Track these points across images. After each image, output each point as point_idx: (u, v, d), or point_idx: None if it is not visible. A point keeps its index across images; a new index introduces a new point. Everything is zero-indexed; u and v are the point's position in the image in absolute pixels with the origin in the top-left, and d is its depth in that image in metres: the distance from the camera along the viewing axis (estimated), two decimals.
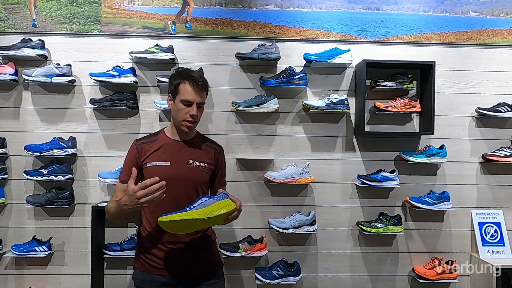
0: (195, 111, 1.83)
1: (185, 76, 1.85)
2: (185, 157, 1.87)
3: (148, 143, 1.90)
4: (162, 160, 1.84)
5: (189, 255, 1.85)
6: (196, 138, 1.98)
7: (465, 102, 2.91)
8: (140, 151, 1.88)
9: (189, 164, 1.86)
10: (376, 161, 2.86)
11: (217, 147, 2.02)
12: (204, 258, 1.90)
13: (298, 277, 2.69)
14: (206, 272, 1.90)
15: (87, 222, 2.70)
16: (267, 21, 2.88)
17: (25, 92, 2.77)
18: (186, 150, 1.90)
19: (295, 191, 2.84)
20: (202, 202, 1.65)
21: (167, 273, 1.84)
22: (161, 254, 1.84)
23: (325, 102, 2.72)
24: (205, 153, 1.94)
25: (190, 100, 1.83)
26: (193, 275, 1.87)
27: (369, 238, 2.85)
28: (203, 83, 1.87)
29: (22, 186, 2.75)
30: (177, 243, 1.84)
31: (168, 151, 1.86)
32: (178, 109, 1.84)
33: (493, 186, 2.91)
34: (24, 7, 2.79)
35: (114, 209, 1.73)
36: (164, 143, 1.90)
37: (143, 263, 1.88)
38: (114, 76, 2.66)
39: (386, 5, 2.94)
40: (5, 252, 2.69)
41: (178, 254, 1.84)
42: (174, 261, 1.84)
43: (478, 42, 2.94)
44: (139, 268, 1.90)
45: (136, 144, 1.92)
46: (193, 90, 1.83)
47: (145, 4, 2.86)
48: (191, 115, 1.83)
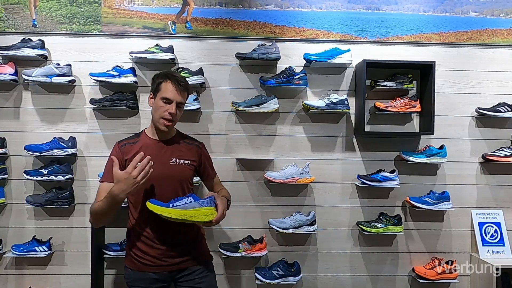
0: (174, 109, 1.86)
1: (167, 75, 1.90)
2: (168, 156, 1.92)
3: (131, 144, 1.94)
4: None
5: (179, 250, 1.89)
6: (176, 136, 2.02)
7: (465, 102, 2.91)
8: (123, 152, 1.92)
9: (172, 162, 1.91)
10: (376, 161, 2.86)
11: (198, 144, 2.08)
12: (193, 253, 1.94)
13: (298, 277, 2.69)
14: (196, 267, 1.94)
15: (87, 222, 2.67)
16: (267, 21, 2.88)
17: (25, 92, 2.77)
18: (168, 149, 1.94)
19: (295, 191, 2.84)
20: (186, 203, 1.73)
21: (158, 270, 1.88)
22: (151, 251, 1.87)
23: (325, 102, 2.72)
24: (186, 150, 1.98)
25: (170, 98, 1.86)
26: (184, 269, 1.91)
27: (369, 238, 2.85)
28: (184, 84, 1.92)
29: (22, 186, 2.75)
30: (166, 240, 1.87)
31: (149, 151, 1.85)
32: (158, 106, 1.88)
33: (493, 186, 2.91)
34: (24, 7, 2.79)
35: (104, 206, 1.72)
36: (146, 143, 1.94)
37: (134, 261, 1.90)
38: (114, 76, 2.66)
39: (386, 5, 2.94)
40: (5, 252, 2.69)
41: (167, 250, 1.87)
42: (164, 257, 1.87)
43: (478, 42, 2.94)
44: (130, 267, 1.92)
45: (119, 145, 1.95)
46: (174, 89, 1.87)
47: (145, 4, 2.86)
48: (169, 113, 1.86)
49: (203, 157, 2.06)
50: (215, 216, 1.74)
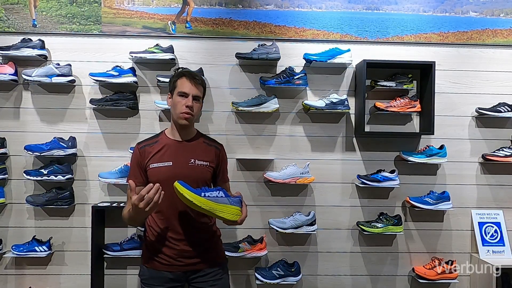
0: (191, 102, 1.87)
1: (181, 73, 1.93)
2: (186, 157, 1.90)
3: (150, 145, 1.94)
4: (164, 161, 1.88)
5: (195, 251, 1.88)
6: (196, 137, 2.01)
7: (465, 102, 2.91)
8: (142, 154, 1.92)
9: (191, 163, 1.90)
10: (376, 161, 2.86)
11: (218, 145, 2.05)
12: (209, 255, 1.93)
13: (298, 277, 2.69)
14: (211, 268, 1.93)
15: (87, 222, 2.70)
16: (267, 21, 2.88)
17: (25, 92, 2.77)
18: (187, 150, 1.93)
19: (295, 191, 2.84)
20: (217, 196, 1.71)
21: (172, 269, 1.87)
22: (167, 250, 1.87)
23: (325, 102, 2.72)
24: (205, 152, 1.97)
25: (186, 92, 1.88)
26: (198, 270, 1.90)
27: (369, 238, 2.85)
28: (200, 79, 1.94)
29: (22, 186, 2.75)
30: (182, 240, 1.87)
31: (169, 152, 1.90)
32: (175, 102, 1.89)
33: (493, 186, 2.91)
34: (24, 7, 2.79)
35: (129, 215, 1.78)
36: (165, 144, 1.93)
37: (150, 260, 1.90)
38: (114, 76, 2.66)
39: (386, 5, 2.94)
40: (5, 252, 2.69)
41: (183, 251, 1.87)
42: (179, 257, 1.87)
43: (478, 42, 2.94)
44: (146, 265, 1.92)
45: (139, 147, 1.96)
46: (189, 83, 1.89)
47: (145, 4, 2.86)
48: (187, 106, 1.86)
49: (221, 160, 2.04)
50: (241, 216, 1.76)
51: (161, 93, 2.81)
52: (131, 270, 2.77)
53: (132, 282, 2.78)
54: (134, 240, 2.67)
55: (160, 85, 2.78)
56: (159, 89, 2.81)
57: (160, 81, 2.70)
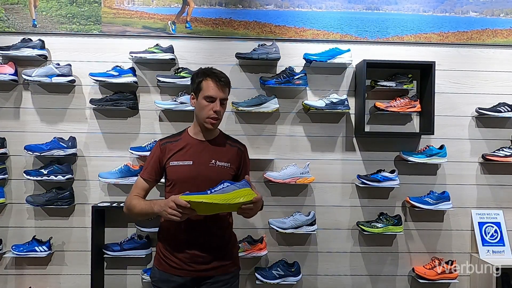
0: (219, 106, 1.83)
1: (207, 73, 1.87)
2: (208, 157, 1.87)
3: (172, 142, 1.91)
4: (184, 159, 1.85)
5: (208, 257, 1.84)
6: (219, 137, 1.96)
7: (465, 102, 2.91)
8: (163, 151, 1.89)
9: (211, 164, 1.86)
10: (376, 161, 2.86)
11: (240, 146, 2.00)
12: (222, 262, 1.88)
13: (298, 277, 2.69)
14: (223, 276, 1.88)
15: (87, 222, 2.70)
16: (267, 21, 2.88)
17: (25, 92, 2.77)
18: (209, 150, 1.89)
19: (295, 191, 2.84)
20: (224, 187, 1.66)
21: (183, 274, 1.83)
22: (180, 254, 1.84)
23: (325, 102, 2.72)
24: (227, 153, 1.92)
25: (213, 96, 1.83)
26: (210, 277, 1.86)
27: (369, 238, 2.85)
28: (225, 80, 1.88)
29: (22, 186, 2.75)
30: (196, 244, 1.83)
31: (191, 151, 1.86)
32: (202, 106, 1.84)
33: (493, 186, 2.91)
34: (24, 7, 2.79)
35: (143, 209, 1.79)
36: (188, 143, 1.90)
37: (162, 262, 1.87)
38: (114, 76, 2.66)
39: (386, 5, 2.94)
40: (5, 252, 2.69)
41: (196, 256, 1.83)
42: (191, 262, 1.83)
43: (478, 42, 2.94)
44: (157, 267, 1.89)
45: (160, 143, 1.93)
46: (216, 86, 1.83)
47: (145, 4, 2.86)
48: (214, 111, 1.82)
49: (243, 161, 1.98)
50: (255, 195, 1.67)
51: (161, 93, 2.81)
52: (131, 270, 2.77)
53: (132, 282, 2.78)
54: (134, 240, 2.67)
55: (160, 85, 2.78)
56: (159, 89, 2.81)
57: (160, 81, 2.69)
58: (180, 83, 2.69)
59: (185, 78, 2.68)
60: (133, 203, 1.83)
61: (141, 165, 2.71)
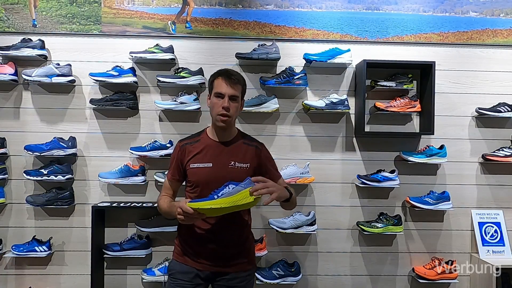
0: (227, 102, 1.82)
1: (219, 72, 1.89)
2: (227, 159, 1.87)
3: (191, 143, 1.92)
4: (204, 162, 1.86)
5: (226, 253, 1.87)
6: (237, 138, 1.96)
7: (465, 102, 2.91)
8: (183, 152, 1.90)
9: (231, 165, 1.86)
10: (376, 161, 2.86)
11: (258, 144, 2.00)
12: (239, 259, 1.91)
13: (298, 277, 2.69)
14: (239, 273, 1.90)
15: (87, 222, 2.70)
16: (267, 21, 2.88)
17: (25, 92, 2.77)
18: (228, 152, 1.89)
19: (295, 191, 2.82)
20: (229, 190, 1.67)
21: (204, 268, 1.86)
22: (198, 248, 1.86)
23: (325, 102, 2.72)
24: (246, 153, 1.92)
25: (222, 92, 1.83)
26: (227, 273, 1.88)
27: (369, 238, 2.85)
28: (236, 77, 1.87)
29: (22, 186, 2.75)
30: (215, 240, 1.85)
31: (210, 153, 1.87)
32: (213, 104, 1.86)
33: (493, 186, 2.91)
34: (24, 7, 2.79)
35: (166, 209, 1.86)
36: (206, 144, 1.90)
37: (182, 254, 1.90)
38: (114, 76, 2.66)
39: (386, 5, 2.94)
40: (5, 252, 2.69)
41: (215, 250, 1.85)
42: (210, 257, 1.86)
43: (478, 42, 2.94)
44: (177, 259, 1.92)
45: (180, 145, 1.94)
46: (225, 83, 1.84)
47: (145, 4, 2.86)
48: (223, 107, 1.82)
49: (263, 158, 1.96)
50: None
51: (161, 93, 2.81)
52: (131, 270, 2.77)
53: (132, 282, 2.78)
54: (134, 240, 2.67)
55: (160, 85, 2.78)
56: (159, 89, 2.81)
57: (160, 81, 2.69)
58: (180, 83, 2.69)
59: (185, 78, 2.68)
60: (159, 203, 1.91)
61: (141, 165, 2.72)
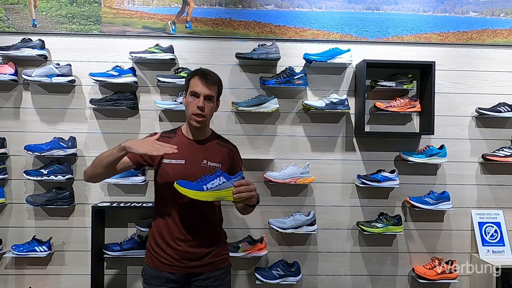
0: (202, 102, 1.83)
1: (196, 71, 1.90)
2: (200, 157, 1.88)
3: (167, 137, 1.92)
4: (177, 158, 1.85)
5: (198, 254, 1.87)
6: (211, 137, 1.97)
7: (465, 102, 2.91)
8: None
9: (203, 164, 1.87)
10: (376, 161, 2.86)
11: (231, 147, 2.01)
12: (212, 258, 1.91)
13: (298, 277, 2.69)
14: (213, 272, 1.91)
15: (87, 222, 2.70)
16: (267, 21, 2.88)
17: (25, 92, 2.77)
18: (201, 150, 1.91)
19: (295, 191, 2.84)
20: (220, 184, 1.68)
21: (174, 270, 1.85)
22: (170, 250, 1.85)
23: (325, 102, 2.72)
24: (218, 153, 1.93)
25: (197, 92, 1.84)
26: (200, 273, 1.88)
27: (369, 238, 2.85)
28: (213, 78, 1.88)
29: (22, 186, 2.75)
30: (187, 240, 1.85)
31: (183, 150, 1.86)
32: (187, 102, 1.87)
33: (493, 186, 2.91)
34: (24, 7, 2.79)
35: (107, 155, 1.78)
36: (181, 142, 1.91)
37: (153, 259, 1.89)
38: (114, 76, 2.66)
39: (386, 5, 2.94)
40: (5, 252, 2.69)
41: (186, 252, 1.85)
42: (182, 259, 1.85)
43: (478, 42, 2.94)
44: (148, 264, 1.91)
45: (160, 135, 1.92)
46: (201, 83, 1.84)
47: (145, 4, 2.86)
48: (198, 107, 1.83)
49: (234, 161, 1.99)
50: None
51: (161, 93, 2.81)
52: (131, 270, 2.77)
53: (132, 282, 2.78)
54: (134, 240, 2.67)
55: (160, 85, 2.78)
56: (159, 89, 2.81)
57: (160, 81, 2.69)
58: (180, 83, 2.69)
59: (185, 78, 2.68)
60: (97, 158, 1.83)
61: None
